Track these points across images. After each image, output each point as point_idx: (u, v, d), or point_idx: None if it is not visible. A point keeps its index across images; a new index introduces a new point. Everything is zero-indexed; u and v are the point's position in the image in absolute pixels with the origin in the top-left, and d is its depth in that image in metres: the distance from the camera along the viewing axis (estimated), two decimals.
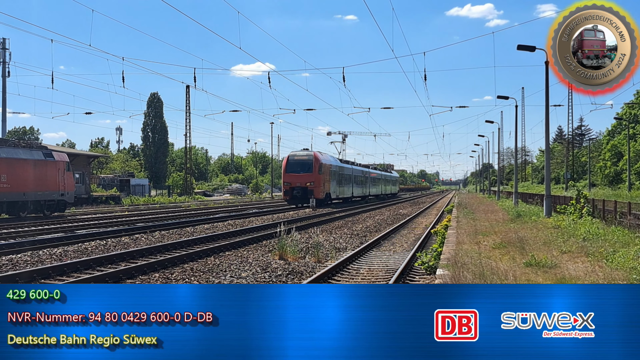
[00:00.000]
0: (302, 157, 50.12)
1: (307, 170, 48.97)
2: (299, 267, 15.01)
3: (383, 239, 22.90)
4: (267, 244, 20.14)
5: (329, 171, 51.85)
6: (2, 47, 52.40)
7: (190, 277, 13.10)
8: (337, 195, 56.14)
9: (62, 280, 12.53)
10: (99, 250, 17.28)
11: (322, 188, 49.59)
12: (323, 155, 52.36)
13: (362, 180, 70.78)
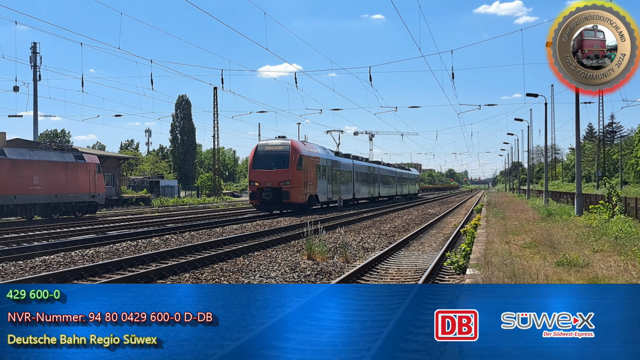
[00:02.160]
0: (275, 148, 38.73)
1: (281, 165, 37.91)
2: (328, 267, 15.02)
3: (411, 238, 22.82)
4: (295, 244, 20.18)
5: (314, 166, 40.84)
6: (33, 51, 53.11)
7: (220, 277, 13.17)
8: (330, 198, 45.05)
9: (95, 281, 12.68)
10: (130, 251, 17.45)
11: (303, 189, 38.60)
12: (306, 146, 41.64)
13: (368, 179, 60.17)
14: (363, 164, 58.17)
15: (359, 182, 55.03)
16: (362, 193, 57.07)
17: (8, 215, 34.07)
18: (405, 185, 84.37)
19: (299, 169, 38.11)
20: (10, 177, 32.66)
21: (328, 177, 44.30)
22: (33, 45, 52.78)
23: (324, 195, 43.09)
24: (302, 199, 38.35)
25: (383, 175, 67.92)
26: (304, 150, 39.68)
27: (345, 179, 50.06)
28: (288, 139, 39.94)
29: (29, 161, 34.28)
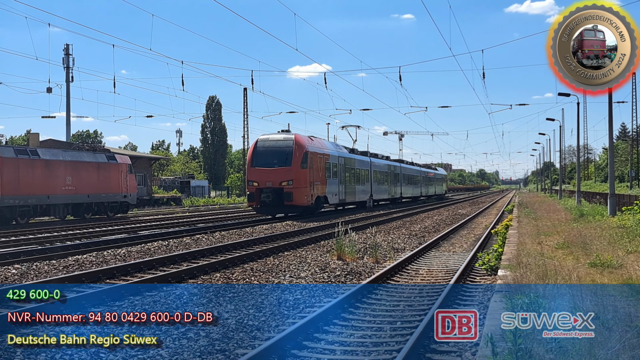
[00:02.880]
0: (277, 143, 34.55)
1: (284, 163, 33.62)
2: (358, 268, 15.00)
3: (442, 239, 22.70)
4: (325, 244, 20.20)
5: (322, 164, 36.78)
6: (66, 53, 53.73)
7: (250, 277, 13.22)
8: (343, 199, 41.09)
9: (126, 280, 12.80)
10: (161, 251, 17.59)
11: (309, 189, 34.41)
12: (313, 141, 37.03)
13: (389, 178, 55.20)
14: (382, 162, 53.81)
15: (377, 182, 50.64)
16: (381, 194, 52.43)
17: (41, 215, 34.55)
18: (431, 185, 79.46)
19: (303, 167, 33.78)
20: (44, 177, 33.11)
21: (340, 177, 40.16)
22: (66, 47, 53.41)
23: (334, 197, 39.08)
24: (308, 200, 34.11)
25: (406, 174, 63.22)
26: (310, 146, 35.14)
27: (362, 179, 45.80)
28: (292, 133, 35.65)
29: (62, 162, 34.73)
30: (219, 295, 11.28)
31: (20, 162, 31.69)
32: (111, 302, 10.54)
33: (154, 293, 11.44)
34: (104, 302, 10.48)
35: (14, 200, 31.09)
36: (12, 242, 21.46)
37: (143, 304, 10.35)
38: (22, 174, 31.63)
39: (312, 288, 12.21)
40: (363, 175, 46.13)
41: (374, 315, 9.98)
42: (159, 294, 11.27)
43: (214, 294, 11.40)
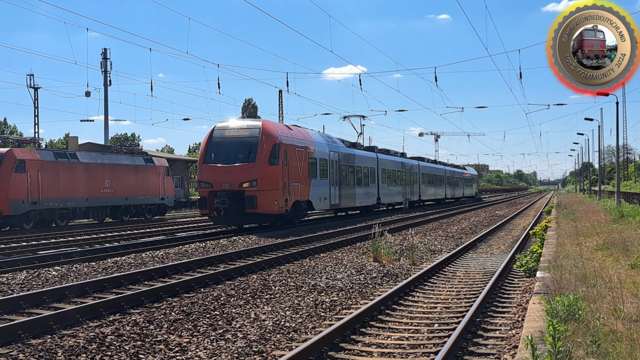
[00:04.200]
0: (238, 133, 26.52)
1: (246, 158, 25.69)
2: (394, 269, 14.94)
3: (479, 240, 22.52)
4: (361, 245, 20.16)
5: (304, 160, 28.69)
6: (104, 57, 54.40)
7: (287, 279, 13.25)
8: (335, 204, 32.87)
9: (165, 281, 12.91)
10: (198, 253, 17.73)
11: (282, 192, 26.29)
12: (292, 131, 29.01)
13: (403, 178, 47.78)
14: (394, 159, 46.21)
15: (388, 183, 43.35)
16: (392, 196, 44.84)
17: (81, 217, 35.06)
18: (458, 186, 71.98)
19: (273, 163, 25.75)
20: (83, 180, 33.59)
21: (333, 176, 32.36)
22: (103, 52, 54.07)
23: (323, 201, 31.08)
24: (279, 207, 26.03)
25: (426, 174, 55.58)
26: (284, 136, 27.21)
27: (366, 179, 38.25)
28: (261, 119, 27.68)
29: (101, 165, 35.22)
30: (256, 297, 11.32)
31: (60, 165, 32.19)
32: (150, 304, 10.64)
33: (192, 295, 11.53)
34: (142, 304, 10.59)
35: (53, 202, 31.60)
36: (52, 245, 21.81)
37: (181, 305, 10.44)
38: (62, 177, 32.13)
39: (349, 290, 12.19)
40: (367, 174, 38.55)
41: (411, 317, 9.93)
42: (197, 296, 11.35)
43: (251, 295, 11.45)
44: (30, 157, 30.54)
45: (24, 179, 29.88)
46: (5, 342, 7.95)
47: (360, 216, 37.93)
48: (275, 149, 26.08)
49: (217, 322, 9.28)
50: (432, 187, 58.18)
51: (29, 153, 30.88)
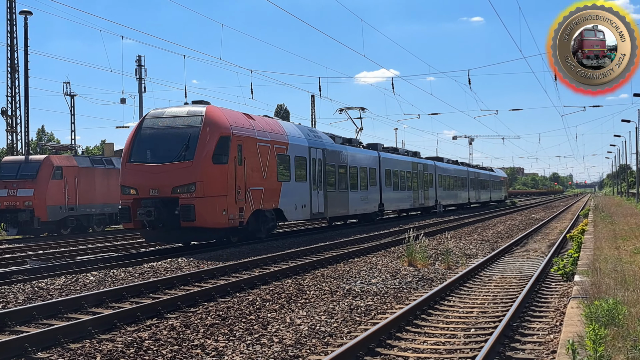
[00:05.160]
0: (174, 122, 20.66)
1: (181, 155, 19.91)
2: (429, 274, 14.86)
3: (515, 244, 22.30)
4: (395, 250, 20.09)
5: (271, 158, 23.05)
6: (138, 64, 54.94)
7: (321, 283, 13.25)
8: (318, 212, 27.03)
9: (201, 286, 12.99)
10: (233, 257, 17.81)
11: (235, 199, 20.51)
12: (253, 121, 22.89)
13: (412, 181, 41.29)
14: (402, 158, 40.06)
15: (393, 186, 37.48)
16: (400, 202, 39.30)
17: (117, 223, 35.45)
18: (484, 189, 65.70)
19: (220, 160, 19.97)
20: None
21: (315, 178, 26.61)
22: (138, 59, 54.59)
23: (300, 209, 25.31)
24: (229, 218, 20.12)
25: (444, 175, 49.44)
26: (239, 127, 21.23)
27: (363, 182, 32.52)
28: (202, 105, 21.16)
29: None
30: (291, 302, 11.34)
31: (96, 171, 32.62)
32: (186, 308, 10.71)
33: (227, 299, 11.59)
34: (178, 308, 10.67)
35: (90, 208, 32.03)
36: (90, 250, 22.08)
37: (217, 309, 10.49)
38: (98, 183, 32.55)
39: (384, 294, 12.16)
40: (365, 176, 32.97)
41: (447, 321, 9.86)
42: (233, 300, 11.40)
43: (286, 300, 11.47)
44: (67, 164, 30.99)
45: (61, 185, 30.32)
46: (45, 347, 8.08)
47: (358, 225, 32.52)
48: (224, 142, 20.09)
49: (252, 327, 9.32)
50: (452, 190, 52.29)
51: (66, 160, 31.35)
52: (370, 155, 34.37)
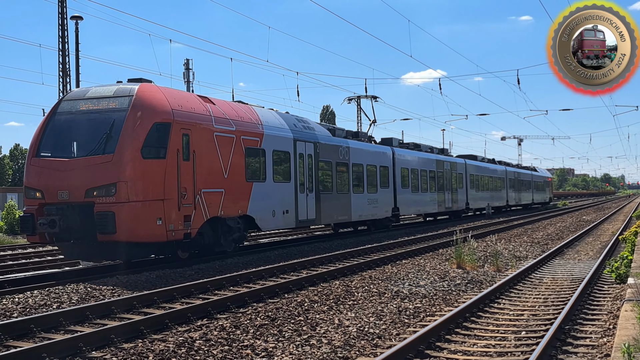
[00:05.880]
0: (98, 103, 16.38)
1: (99, 148, 15.69)
2: (478, 276, 14.73)
3: (566, 246, 21.96)
4: (443, 252, 19.96)
5: (239, 153, 18.94)
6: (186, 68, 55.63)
7: (369, 285, 13.24)
8: (307, 219, 22.74)
9: (249, 287, 13.08)
10: (281, 259, 17.90)
11: (180, 204, 16.24)
12: (208, 105, 18.40)
13: (434, 181, 36.28)
14: (422, 156, 35.27)
15: (412, 187, 32.99)
16: (420, 205, 34.61)
17: None
18: (526, 190, 59.53)
19: (153, 154, 15.86)
20: None
21: (303, 178, 22.51)
22: (186, 62, 55.35)
23: (281, 216, 21.01)
24: (168, 229, 15.97)
25: (477, 175, 44.33)
26: (185, 112, 16.94)
27: (371, 182, 28.08)
28: (134, 84, 16.79)
29: None
30: (339, 303, 11.36)
31: None
32: (235, 309, 10.81)
33: (276, 300, 11.66)
34: (228, 309, 10.78)
35: None
36: None
37: (266, 310, 10.57)
38: None
39: (432, 296, 12.09)
40: (374, 176, 28.51)
41: (497, 324, 9.77)
42: (281, 301, 11.47)
43: (334, 301, 11.50)
44: None
45: None
46: (99, 346, 8.24)
47: (367, 233, 28.01)
48: (161, 131, 15.92)
49: (301, 328, 9.36)
50: (487, 191, 46.86)
51: None
52: (381, 152, 29.87)
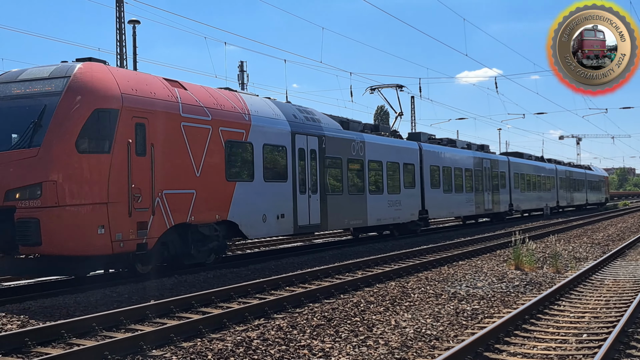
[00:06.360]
0: (30, 87, 13.35)
1: (25, 140, 12.76)
2: (537, 278, 14.48)
3: (628, 247, 21.43)
4: (500, 253, 19.71)
5: (217, 147, 15.96)
6: (241, 70, 56.11)
7: (425, 286, 13.15)
8: (310, 224, 19.80)
9: (305, 287, 13.12)
10: (336, 259, 17.92)
11: (132, 208, 13.31)
12: (175, 90, 15.21)
13: (471, 180, 32.79)
14: (455, 152, 31.94)
15: (444, 188, 29.77)
16: (453, 207, 31.28)
17: None
18: (578, 190, 55.65)
19: (92, 148, 13.14)
20: None
21: (305, 176, 19.56)
22: (240, 64, 55.81)
23: (276, 222, 18.14)
24: (108, 241, 13.01)
25: (522, 174, 41.12)
26: (139, 96, 14.05)
27: (392, 182, 25.05)
28: (82, 63, 13.75)
29: None
30: (395, 304, 11.31)
31: None
32: (292, 309, 10.86)
33: (332, 301, 11.67)
34: (284, 309, 10.83)
35: None
36: None
37: (322, 310, 10.59)
38: None
39: (490, 298, 11.94)
40: (396, 174, 25.45)
41: (558, 326, 9.59)
42: (337, 302, 11.47)
43: (390, 302, 11.45)
44: None
45: None
46: (159, 345, 8.36)
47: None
48: (103, 119, 13.14)
49: (358, 328, 9.34)
50: (534, 192, 43.42)
51: None
52: (405, 147, 26.66)
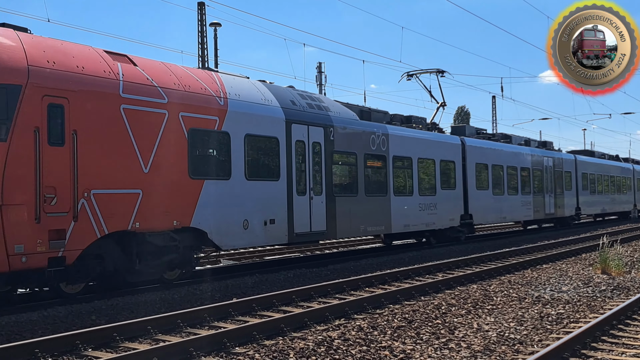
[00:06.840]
0: None
1: None
2: (625, 283, 14.02)
3: None
4: (586, 257, 19.17)
5: (179, 137, 13.10)
6: (319, 71, 56.35)
7: (508, 290, 12.91)
8: (317, 230, 16.74)
9: (385, 288, 13.08)
10: (415, 261, 17.80)
11: (36, 211, 10.38)
12: (123, 66, 12.35)
13: (529, 180, 29.17)
14: (510, 148, 28.33)
15: (495, 189, 26.27)
16: (507, 211, 27.33)
17: None
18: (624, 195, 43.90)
19: None
20: None
21: (299, 174, 16.44)
22: (318, 65, 56.10)
23: (263, 229, 15.19)
24: (3, 256, 9.97)
25: (591, 174, 37.05)
26: (56, 69, 11.01)
27: (425, 182, 21.99)
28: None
29: None
30: (477, 307, 11.15)
31: None
32: (372, 310, 10.85)
33: (412, 302, 11.60)
34: (364, 310, 10.83)
35: None
36: (277, 250, 22.95)
37: (402, 312, 10.53)
38: None
39: (576, 302, 11.64)
40: (434, 173, 22.50)
41: None
42: (418, 304, 11.40)
43: (472, 305, 11.29)
44: None
45: None
46: (242, 342, 8.48)
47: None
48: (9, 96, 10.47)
49: (439, 331, 9.25)
50: (606, 194, 39.06)
51: None
52: (443, 142, 23.46)
